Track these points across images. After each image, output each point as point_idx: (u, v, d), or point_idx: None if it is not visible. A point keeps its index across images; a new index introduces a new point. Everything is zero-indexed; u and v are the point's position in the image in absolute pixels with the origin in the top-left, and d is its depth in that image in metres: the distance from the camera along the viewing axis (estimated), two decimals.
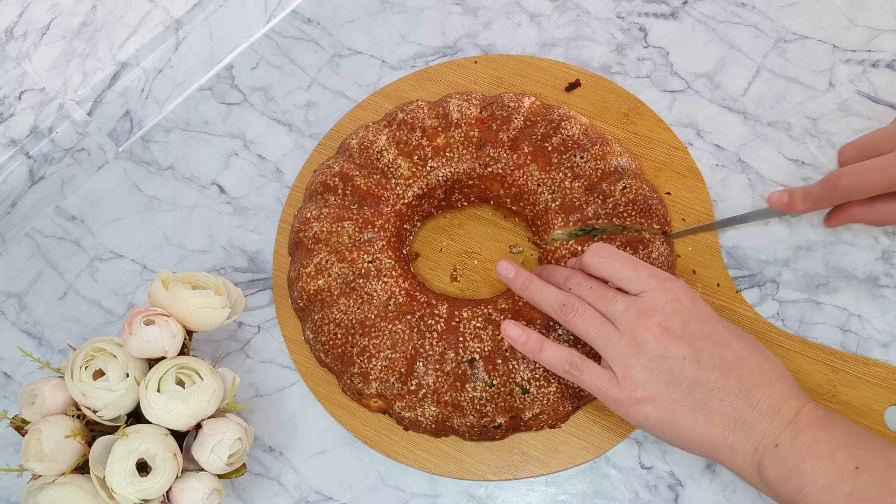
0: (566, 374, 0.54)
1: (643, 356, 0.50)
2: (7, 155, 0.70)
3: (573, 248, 0.62)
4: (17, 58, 0.65)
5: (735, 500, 0.58)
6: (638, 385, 0.50)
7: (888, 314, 0.63)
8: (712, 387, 0.49)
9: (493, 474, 0.60)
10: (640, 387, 0.50)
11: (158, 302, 0.59)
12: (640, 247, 0.61)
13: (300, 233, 0.67)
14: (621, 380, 0.51)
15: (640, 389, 0.50)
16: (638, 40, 0.77)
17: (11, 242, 0.75)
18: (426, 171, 0.67)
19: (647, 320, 0.51)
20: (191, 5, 0.76)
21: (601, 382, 0.52)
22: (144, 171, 0.77)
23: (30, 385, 0.57)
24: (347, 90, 0.79)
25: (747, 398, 0.48)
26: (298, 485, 0.62)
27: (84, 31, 0.69)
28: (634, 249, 0.60)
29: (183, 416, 0.54)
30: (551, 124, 0.67)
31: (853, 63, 0.73)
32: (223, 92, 0.80)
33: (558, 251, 0.62)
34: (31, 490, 0.54)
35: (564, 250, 0.62)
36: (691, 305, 0.52)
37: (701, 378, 0.49)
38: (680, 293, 0.52)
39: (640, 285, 0.52)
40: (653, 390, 0.50)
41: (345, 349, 0.61)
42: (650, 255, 0.61)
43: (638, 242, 0.61)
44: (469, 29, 0.80)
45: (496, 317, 0.60)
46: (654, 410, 0.50)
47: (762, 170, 0.69)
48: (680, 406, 0.49)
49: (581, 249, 0.62)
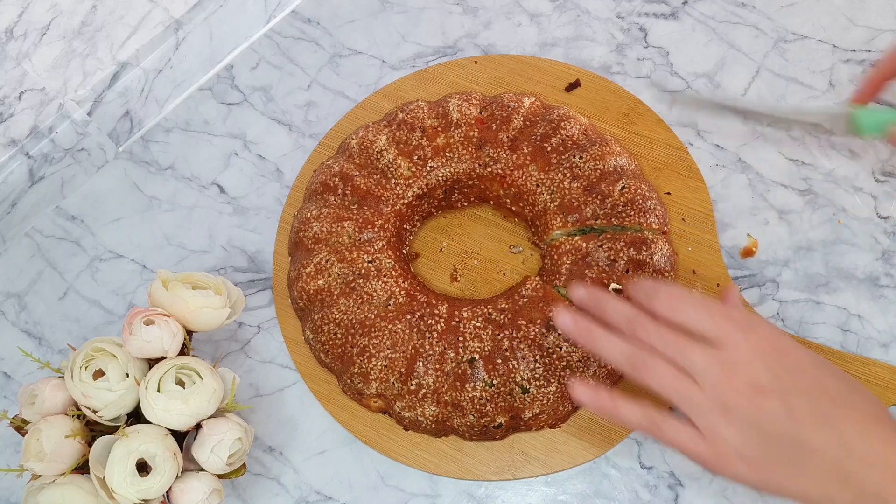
0: (644, 431, 0.49)
1: (731, 414, 0.46)
2: (7, 155, 0.70)
3: (578, 244, 0.62)
4: (17, 58, 0.65)
5: (735, 500, 0.58)
6: (727, 443, 0.46)
7: (888, 314, 0.63)
8: (809, 441, 0.45)
9: (493, 474, 0.60)
10: (730, 445, 0.46)
11: (158, 302, 0.59)
12: (643, 247, 0.61)
13: (300, 233, 0.67)
14: (708, 437, 0.46)
15: (730, 448, 0.46)
16: (638, 40, 0.77)
17: (11, 242, 0.75)
18: (426, 171, 0.67)
19: (732, 377, 0.46)
20: (191, 5, 0.76)
21: (685, 440, 0.47)
22: (144, 171, 0.77)
23: (30, 385, 0.57)
24: (347, 90, 0.79)
25: (848, 450, 0.44)
26: (298, 485, 0.62)
27: (84, 31, 0.69)
28: (638, 249, 0.61)
29: (183, 416, 0.54)
30: (551, 124, 0.67)
31: (853, 63, 0.73)
32: (223, 92, 0.80)
33: (562, 247, 0.62)
34: (31, 490, 0.54)
35: (568, 246, 0.62)
36: (778, 353, 0.47)
37: (796, 433, 0.45)
38: (764, 341, 0.47)
39: (718, 333, 0.47)
40: (744, 449, 0.46)
41: (345, 349, 0.61)
42: (652, 255, 0.61)
43: (641, 243, 0.61)
44: (469, 29, 0.80)
45: (496, 316, 0.60)
46: (746, 468, 0.46)
47: (762, 170, 0.69)
48: (775, 463, 0.45)
49: (585, 247, 0.61)
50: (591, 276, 0.60)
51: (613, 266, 0.60)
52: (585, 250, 0.61)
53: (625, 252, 0.61)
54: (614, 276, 0.60)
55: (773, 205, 0.68)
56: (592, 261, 0.61)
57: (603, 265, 0.60)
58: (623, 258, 0.61)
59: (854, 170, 0.68)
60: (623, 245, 0.61)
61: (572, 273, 0.61)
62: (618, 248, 0.61)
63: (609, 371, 0.59)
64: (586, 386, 0.51)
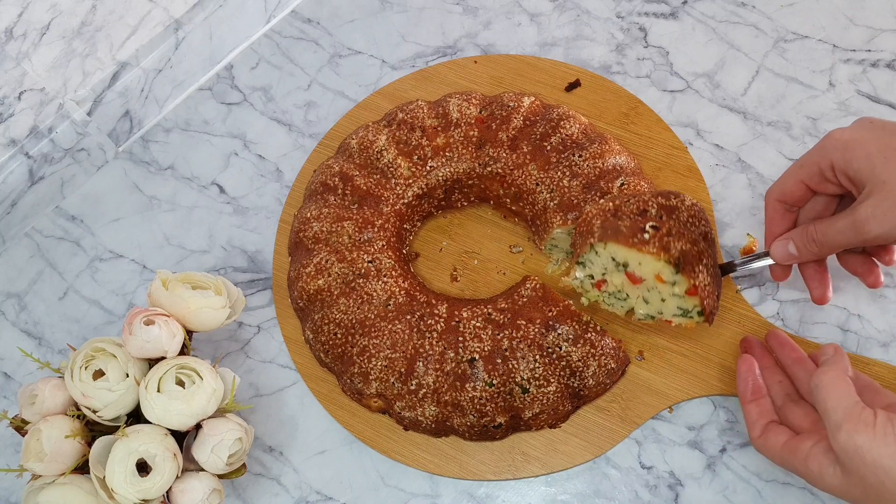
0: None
1: None
2: (7, 155, 0.70)
3: (605, 205, 0.58)
4: (16, 58, 0.65)
5: (735, 499, 0.58)
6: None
7: (888, 314, 0.63)
8: None
9: (493, 474, 0.60)
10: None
11: (158, 302, 0.59)
12: (671, 195, 0.58)
13: (300, 233, 0.67)
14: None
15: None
16: (638, 40, 0.77)
17: (11, 242, 0.75)
18: (426, 170, 0.67)
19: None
20: (191, 5, 0.76)
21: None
22: (144, 171, 0.77)
23: (30, 385, 0.57)
24: (347, 90, 0.79)
25: None
26: (298, 485, 0.62)
27: (84, 31, 0.69)
28: (666, 197, 0.57)
29: (183, 416, 0.54)
30: (550, 124, 0.67)
31: (853, 63, 0.73)
32: (223, 92, 0.80)
33: (591, 212, 0.59)
34: (31, 490, 0.54)
35: (596, 210, 0.58)
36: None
37: None
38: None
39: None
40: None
41: (345, 349, 0.61)
42: (683, 201, 0.58)
43: (669, 192, 0.58)
44: (469, 29, 0.80)
45: (496, 316, 0.60)
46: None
47: (762, 170, 0.69)
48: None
49: (613, 205, 0.58)
50: (626, 223, 0.56)
51: (645, 215, 0.56)
52: (615, 207, 0.58)
53: (654, 201, 0.57)
54: (649, 222, 0.56)
55: None
56: (623, 214, 0.57)
57: (635, 215, 0.56)
58: (653, 206, 0.57)
59: None
60: (650, 196, 0.57)
61: (605, 227, 0.56)
62: (646, 199, 0.57)
63: (609, 371, 0.59)
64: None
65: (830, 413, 0.46)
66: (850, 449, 0.44)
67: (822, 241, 0.52)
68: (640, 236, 0.54)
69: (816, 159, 0.52)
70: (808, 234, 0.53)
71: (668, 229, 0.55)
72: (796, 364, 0.57)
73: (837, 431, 0.45)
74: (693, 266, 0.54)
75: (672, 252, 0.54)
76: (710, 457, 0.60)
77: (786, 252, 0.55)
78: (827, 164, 0.51)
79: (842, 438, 0.45)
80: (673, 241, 0.54)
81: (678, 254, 0.54)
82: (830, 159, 0.51)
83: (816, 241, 0.52)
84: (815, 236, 0.52)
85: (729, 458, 0.59)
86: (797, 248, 0.54)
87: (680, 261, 0.54)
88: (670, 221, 0.56)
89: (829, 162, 0.51)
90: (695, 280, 0.54)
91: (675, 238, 0.54)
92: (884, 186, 0.48)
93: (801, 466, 0.48)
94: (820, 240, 0.52)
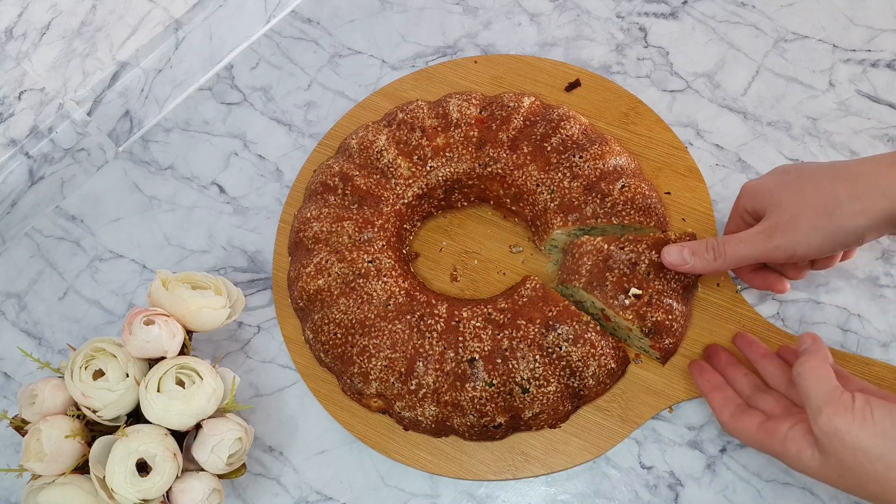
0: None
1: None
2: (7, 155, 0.70)
3: (599, 245, 0.60)
4: (16, 58, 0.65)
5: (735, 499, 0.58)
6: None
7: (888, 314, 0.63)
8: None
9: (493, 474, 0.60)
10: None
11: (158, 302, 0.59)
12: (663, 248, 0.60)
13: (300, 233, 0.67)
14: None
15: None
16: (638, 40, 0.77)
17: (11, 242, 0.75)
18: (426, 170, 0.67)
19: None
20: (191, 5, 0.76)
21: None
22: (144, 170, 0.77)
23: (30, 385, 0.57)
24: (347, 90, 0.79)
25: None
26: (298, 485, 0.62)
27: (84, 31, 0.69)
28: (660, 252, 0.59)
29: (183, 416, 0.54)
30: (551, 124, 0.67)
31: (853, 63, 0.73)
32: (223, 92, 0.80)
33: (584, 246, 0.61)
34: (31, 490, 0.54)
35: (590, 246, 0.61)
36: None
37: None
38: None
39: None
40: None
41: (345, 349, 0.61)
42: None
43: (664, 244, 0.59)
44: (469, 29, 0.80)
45: (496, 316, 0.60)
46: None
47: (762, 169, 0.69)
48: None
49: (607, 248, 0.60)
50: (612, 279, 0.59)
51: (634, 269, 0.59)
52: (607, 252, 0.60)
53: (647, 255, 0.59)
54: (635, 280, 0.58)
55: None
56: (614, 263, 0.59)
57: (624, 268, 0.59)
58: (644, 261, 0.59)
59: None
60: (645, 248, 0.59)
61: (592, 275, 0.60)
62: (640, 251, 0.59)
63: (609, 371, 0.59)
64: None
65: (812, 398, 0.47)
66: (830, 431, 0.46)
67: (720, 250, 0.56)
68: (620, 300, 0.58)
69: (736, 208, 0.60)
70: (708, 243, 0.57)
71: (649, 298, 0.58)
72: (764, 359, 0.58)
73: (818, 415, 0.46)
74: (662, 335, 0.59)
75: (646, 322, 0.58)
76: (710, 457, 0.60)
77: (679, 257, 0.57)
78: (742, 210, 0.59)
79: (822, 422, 0.46)
80: (651, 312, 0.58)
81: (651, 325, 0.58)
82: (743, 205, 0.59)
83: (715, 250, 0.56)
84: (713, 245, 0.56)
85: (729, 458, 0.59)
86: (692, 253, 0.57)
87: (651, 331, 0.59)
88: (656, 283, 0.59)
89: (743, 207, 0.59)
90: (660, 344, 0.59)
91: (654, 308, 0.58)
92: (780, 205, 0.54)
93: (778, 447, 0.49)
94: (719, 249, 0.56)
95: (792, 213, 0.53)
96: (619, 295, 0.58)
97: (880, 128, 0.70)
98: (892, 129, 0.69)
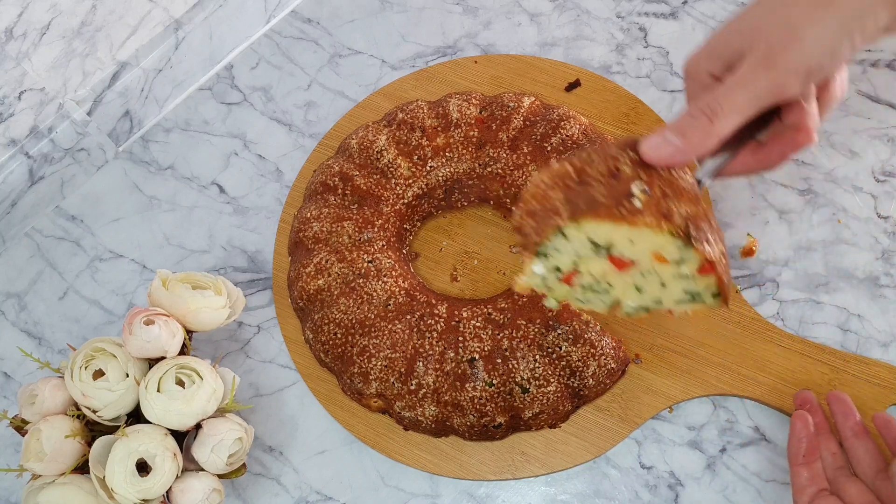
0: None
1: None
2: (7, 155, 0.70)
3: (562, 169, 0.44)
4: (16, 58, 0.65)
5: (735, 499, 0.58)
6: None
7: (888, 314, 0.63)
8: None
9: (493, 474, 0.60)
10: None
11: (158, 302, 0.59)
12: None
13: (300, 233, 0.67)
14: None
15: None
16: (638, 40, 0.77)
17: (11, 242, 0.75)
18: (426, 170, 0.67)
19: None
20: (191, 5, 0.76)
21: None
22: (144, 170, 0.77)
23: (30, 385, 0.57)
24: (347, 90, 0.79)
25: None
26: (298, 485, 0.62)
27: (84, 31, 0.69)
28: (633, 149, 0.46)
29: (183, 416, 0.54)
30: (551, 124, 0.67)
31: (853, 63, 0.73)
32: (223, 92, 0.80)
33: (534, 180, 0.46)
34: (31, 490, 0.54)
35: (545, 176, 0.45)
36: None
37: None
38: None
39: None
40: None
41: (345, 349, 0.61)
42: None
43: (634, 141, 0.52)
44: (469, 29, 0.80)
45: (496, 316, 0.60)
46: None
47: None
48: None
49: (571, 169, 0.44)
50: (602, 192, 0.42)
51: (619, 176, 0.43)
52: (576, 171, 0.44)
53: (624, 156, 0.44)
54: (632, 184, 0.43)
55: (773, 204, 0.68)
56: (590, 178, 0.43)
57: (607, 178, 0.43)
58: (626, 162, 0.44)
59: (854, 169, 0.68)
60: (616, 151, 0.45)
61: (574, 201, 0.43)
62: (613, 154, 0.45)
63: (609, 371, 0.59)
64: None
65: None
66: None
67: (714, 106, 0.42)
68: (628, 205, 0.40)
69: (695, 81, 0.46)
70: (692, 109, 0.43)
71: (661, 190, 0.41)
72: (856, 437, 0.54)
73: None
74: (705, 234, 0.41)
75: (676, 220, 0.40)
76: (710, 457, 0.60)
77: (665, 144, 0.43)
78: (705, 77, 0.45)
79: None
80: (674, 205, 0.41)
81: (684, 221, 0.40)
82: (705, 69, 0.45)
83: (708, 111, 0.42)
84: (702, 108, 0.42)
85: (729, 458, 0.59)
86: (679, 132, 0.42)
87: (689, 230, 0.40)
88: (657, 180, 0.42)
89: (706, 72, 0.45)
90: (709, 256, 0.41)
91: (675, 200, 0.41)
92: (761, 28, 0.42)
93: None
94: (712, 107, 0.42)
95: (783, 25, 0.41)
96: (623, 201, 0.41)
97: (880, 128, 0.69)
98: (892, 129, 0.69)
